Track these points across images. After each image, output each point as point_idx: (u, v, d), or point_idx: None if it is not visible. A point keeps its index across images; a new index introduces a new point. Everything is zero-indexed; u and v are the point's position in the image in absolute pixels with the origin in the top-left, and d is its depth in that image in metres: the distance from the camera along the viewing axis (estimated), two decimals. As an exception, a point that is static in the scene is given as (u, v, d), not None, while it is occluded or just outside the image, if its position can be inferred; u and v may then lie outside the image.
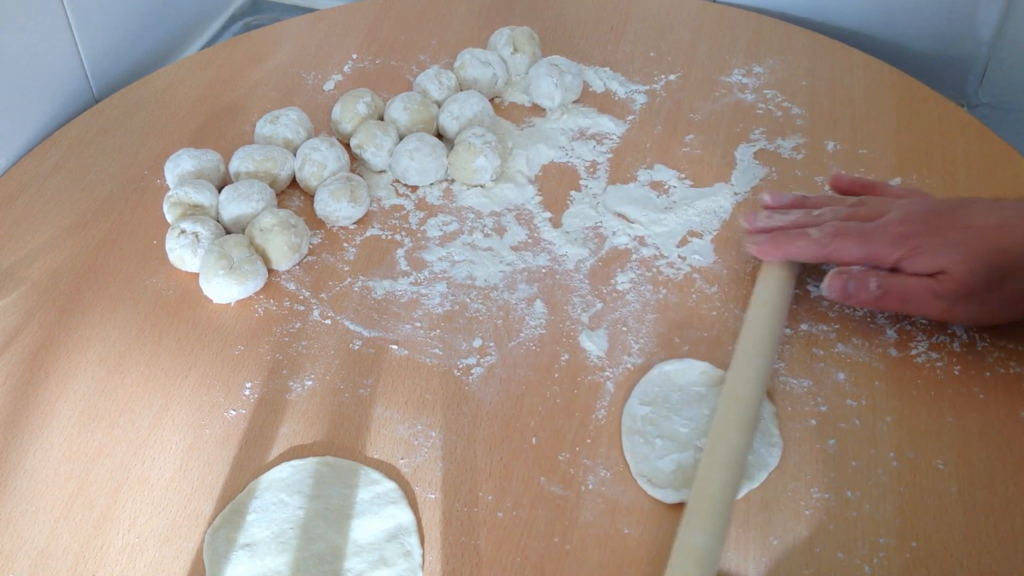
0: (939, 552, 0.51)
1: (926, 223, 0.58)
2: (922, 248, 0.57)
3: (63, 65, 0.79)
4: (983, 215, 0.58)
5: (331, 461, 0.56)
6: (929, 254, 0.57)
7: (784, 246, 0.62)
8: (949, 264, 0.57)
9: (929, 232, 0.58)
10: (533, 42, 0.82)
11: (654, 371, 0.60)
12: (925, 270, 0.58)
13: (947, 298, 0.57)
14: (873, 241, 0.59)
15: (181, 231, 0.66)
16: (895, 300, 0.59)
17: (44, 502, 0.55)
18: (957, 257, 0.56)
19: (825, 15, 0.87)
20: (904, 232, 0.58)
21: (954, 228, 0.57)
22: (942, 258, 0.57)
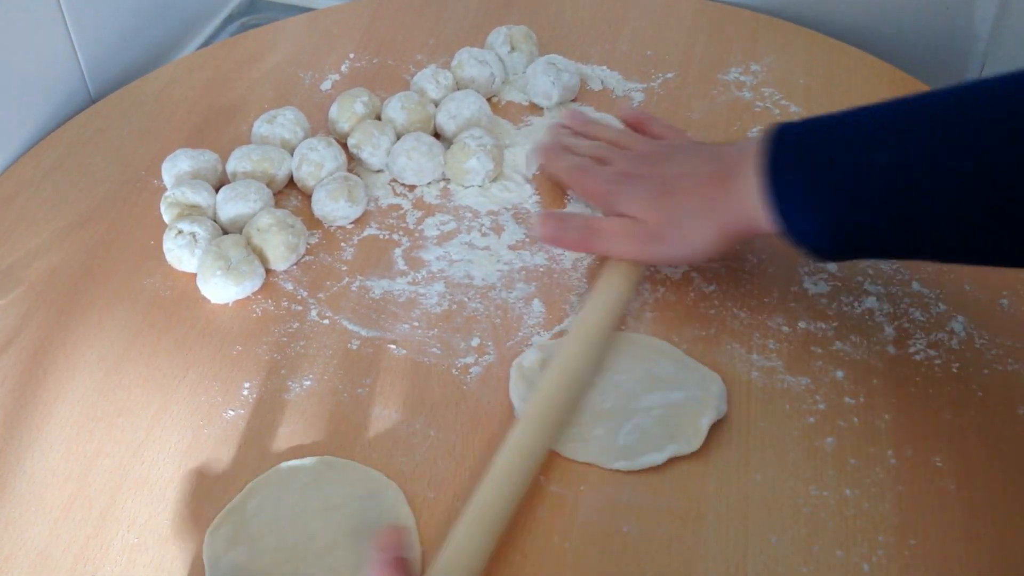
0: (938, 550, 0.51)
1: (636, 171, 0.64)
2: (621, 193, 0.63)
3: (60, 65, 0.79)
4: (675, 162, 0.63)
5: (330, 460, 0.56)
6: (624, 199, 0.63)
7: (549, 160, 0.71)
8: (635, 208, 0.62)
9: (633, 180, 0.63)
10: (530, 41, 0.82)
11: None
12: (623, 213, 0.63)
13: (637, 237, 0.61)
14: (588, 179, 0.66)
15: (178, 231, 0.66)
16: (596, 241, 0.63)
17: (43, 503, 0.55)
18: (647, 202, 0.61)
19: (822, 13, 0.87)
20: (614, 180, 0.64)
21: (653, 176, 0.63)
22: (633, 202, 0.62)
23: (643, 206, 0.62)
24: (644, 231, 0.61)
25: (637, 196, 0.62)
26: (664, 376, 0.59)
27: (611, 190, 0.64)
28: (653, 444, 0.56)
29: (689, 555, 0.52)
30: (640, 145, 0.68)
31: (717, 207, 0.59)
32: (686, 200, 0.60)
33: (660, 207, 0.61)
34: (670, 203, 0.61)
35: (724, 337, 0.62)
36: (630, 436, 0.56)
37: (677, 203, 0.60)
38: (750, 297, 0.64)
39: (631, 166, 0.65)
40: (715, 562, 0.51)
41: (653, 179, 0.63)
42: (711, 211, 0.59)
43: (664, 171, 0.63)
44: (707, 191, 0.59)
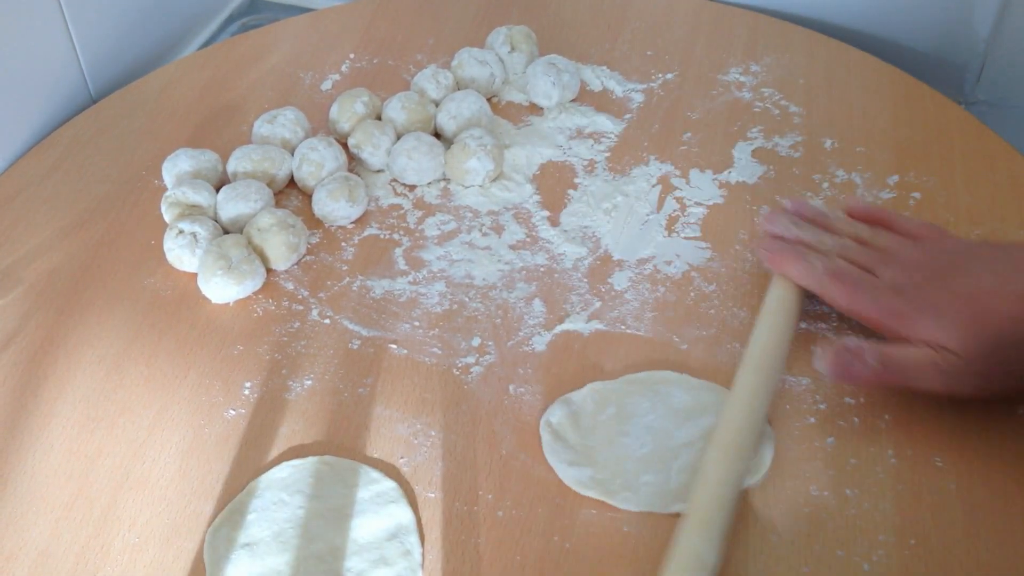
0: (938, 549, 0.51)
1: (922, 287, 0.55)
2: (914, 321, 0.55)
3: (60, 65, 0.79)
4: (979, 276, 0.54)
5: (331, 460, 0.56)
6: (923, 326, 0.54)
7: (785, 262, 0.61)
8: (947, 338, 0.53)
9: (923, 299, 0.55)
10: (530, 41, 0.83)
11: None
12: (914, 338, 0.54)
13: (949, 372, 0.53)
14: (861, 295, 0.57)
15: (179, 231, 0.66)
16: (896, 375, 0.55)
17: (44, 503, 0.55)
18: (954, 330, 0.53)
19: (822, 13, 0.87)
20: (896, 298, 0.56)
21: (952, 295, 0.54)
22: (939, 332, 0.53)
23: (950, 334, 0.52)
24: (953, 363, 0.52)
25: (940, 321, 0.53)
26: (683, 406, 0.58)
27: (900, 311, 0.55)
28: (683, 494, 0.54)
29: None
30: (904, 249, 0.58)
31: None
32: (1009, 325, 0.51)
33: (976, 335, 0.52)
34: (987, 331, 0.52)
35: (724, 337, 0.62)
36: (681, 476, 0.55)
37: (996, 330, 0.52)
38: (750, 297, 0.64)
39: (910, 277, 0.55)
40: (716, 562, 0.51)
41: (953, 298, 0.54)
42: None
43: (963, 287, 0.54)
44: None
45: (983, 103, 0.85)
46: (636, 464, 0.55)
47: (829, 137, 0.75)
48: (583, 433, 0.57)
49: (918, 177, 0.71)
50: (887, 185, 0.71)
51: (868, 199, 0.70)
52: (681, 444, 0.56)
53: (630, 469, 0.55)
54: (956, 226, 0.68)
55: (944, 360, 0.53)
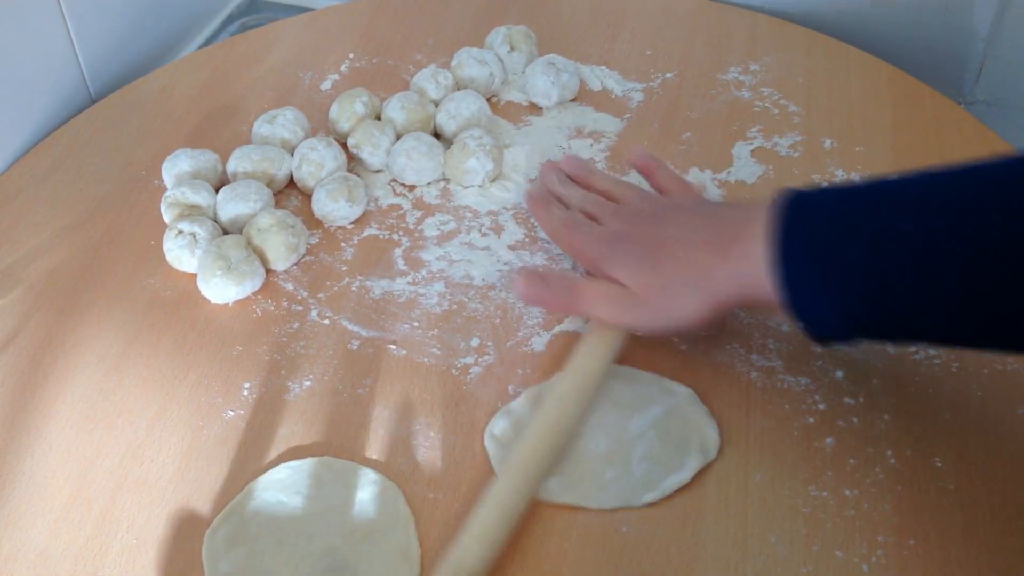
0: (937, 550, 0.51)
1: (629, 234, 0.60)
2: (610, 257, 0.60)
3: (60, 65, 0.79)
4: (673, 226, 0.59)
5: (329, 461, 0.56)
6: (613, 264, 0.59)
7: (536, 212, 0.67)
8: (622, 273, 0.58)
9: (624, 244, 0.60)
10: (530, 41, 0.82)
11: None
12: (609, 277, 0.59)
13: (621, 304, 0.58)
14: (577, 239, 0.63)
15: (179, 231, 0.66)
16: (578, 302, 0.60)
17: (43, 503, 0.55)
18: (635, 269, 0.58)
19: (822, 13, 0.87)
20: (605, 242, 0.61)
21: (647, 241, 0.59)
22: (621, 268, 0.59)
23: (631, 272, 0.58)
24: (629, 297, 0.58)
25: (625, 261, 0.59)
26: (628, 399, 0.58)
27: (600, 252, 0.60)
28: (671, 464, 0.55)
29: (688, 555, 0.52)
30: (635, 200, 0.64)
31: (712, 276, 0.55)
32: (677, 268, 0.56)
33: (648, 274, 0.57)
34: (659, 270, 0.57)
35: (724, 337, 0.62)
36: (642, 465, 0.55)
37: (666, 271, 0.57)
38: (750, 297, 0.64)
39: (623, 225, 0.61)
40: (715, 562, 0.51)
41: (644, 242, 0.59)
42: (704, 281, 0.55)
43: (658, 233, 0.59)
44: (702, 258, 0.56)
45: (983, 103, 0.85)
46: (596, 463, 0.55)
47: (828, 137, 0.75)
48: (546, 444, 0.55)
49: (918, 177, 0.71)
50: (887, 185, 0.71)
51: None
52: (635, 436, 0.56)
53: (594, 469, 0.55)
54: (956, 226, 0.68)
55: (619, 292, 0.58)
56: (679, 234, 0.58)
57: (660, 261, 0.57)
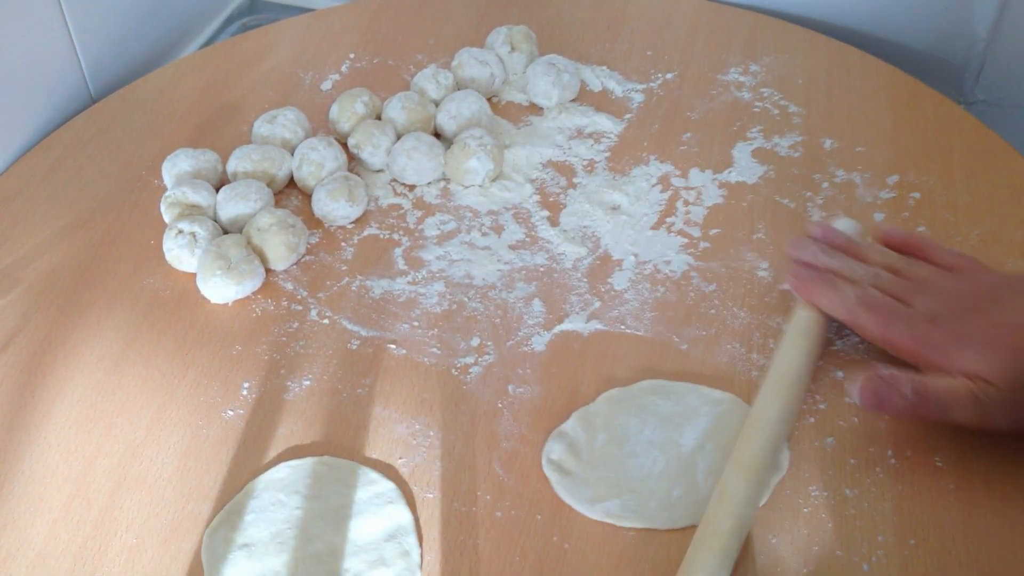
0: (937, 550, 0.51)
1: (957, 317, 0.54)
2: (949, 350, 0.53)
3: (60, 65, 0.79)
4: (1017, 307, 0.54)
5: (329, 461, 0.56)
6: (958, 356, 0.53)
7: (815, 292, 0.59)
8: (983, 368, 0.52)
9: (958, 329, 0.54)
10: (530, 41, 0.83)
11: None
12: (951, 369, 0.53)
13: (984, 403, 0.51)
14: (896, 324, 0.56)
15: (178, 231, 0.66)
16: (932, 406, 0.53)
17: (42, 503, 0.55)
18: (991, 359, 0.52)
19: (822, 13, 0.87)
20: (931, 328, 0.54)
21: (988, 325, 0.53)
22: (974, 361, 0.52)
23: (991, 365, 0.51)
24: (994, 396, 0.51)
25: (975, 351, 0.52)
26: (671, 412, 0.57)
27: (937, 341, 0.53)
28: None
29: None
30: (940, 279, 0.57)
31: None
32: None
33: (1012, 366, 0.50)
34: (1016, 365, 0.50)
35: (724, 337, 0.62)
36: (709, 481, 0.54)
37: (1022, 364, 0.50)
38: (750, 296, 0.64)
39: (946, 307, 0.54)
40: (715, 562, 0.51)
41: (991, 328, 0.52)
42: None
43: (1001, 317, 0.53)
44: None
45: (982, 103, 0.85)
46: (660, 481, 0.55)
47: (829, 137, 0.75)
48: (590, 464, 0.55)
49: (918, 177, 0.71)
50: (887, 185, 0.71)
51: (868, 199, 0.70)
52: (692, 450, 0.56)
53: (657, 487, 0.54)
54: (956, 226, 0.68)
55: (982, 391, 0.51)
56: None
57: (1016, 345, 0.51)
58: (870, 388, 0.53)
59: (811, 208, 0.70)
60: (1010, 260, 0.65)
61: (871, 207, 0.69)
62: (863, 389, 0.54)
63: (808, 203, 0.70)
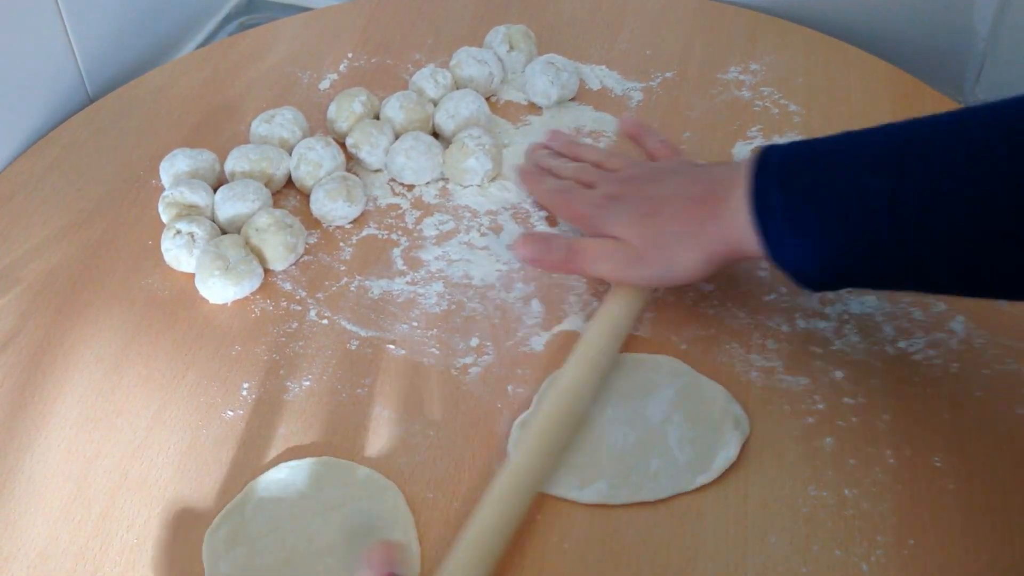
0: (937, 550, 0.51)
1: (622, 193, 0.62)
2: (606, 215, 0.61)
3: (58, 65, 0.79)
4: (665, 184, 0.61)
5: (328, 461, 0.56)
6: (609, 220, 0.61)
7: (528, 185, 0.70)
8: (620, 229, 0.60)
9: (618, 203, 0.61)
10: (529, 40, 0.82)
11: None
12: (604, 234, 0.61)
13: (619, 259, 0.60)
14: (571, 203, 0.65)
15: (177, 231, 0.66)
16: (578, 261, 0.62)
17: (42, 503, 0.55)
18: (630, 223, 0.60)
19: (821, 12, 0.87)
20: (599, 203, 0.62)
21: (640, 198, 0.61)
22: (618, 224, 0.60)
23: (628, 227, 0.60)
24: (628, 252, 0.59)
25: (622, 217, 0.60)
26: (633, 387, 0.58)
27: (596, 212, 0.62)
28: (713, 443, 0.55)
29: (689, 555, 0.52)
30: (627, 167, 0.66)
31: (704, 230, 0.57)
32: (672, 222, 0.58)
33: (645, 228, 0.59)
34: (655, 224, 0.59)
35: (723, 337, 0.62)
36: (685, 449, 0.55)
37: (662, 225, 0.59)
38: (749, 297, 0.64)
39: (617, 188, 0.63)
40: (714, 562, 0.51)
41: (639, 200, 0.61)
42: (697, 234, 0.57)
43: (651, 192, 0.61)
44: (694, 213, 0.58)
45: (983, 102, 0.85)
46: (636, 456, 0.55)
47: (828, 136, 0.75)
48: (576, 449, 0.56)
49: (917, 176, 0.71)
50: (886, 184, 0.71)
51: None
52: (661, 422, 0.57)
53: (636, 463, 0.55)
54: (955, 225, 0.68)
55: (618, 247, 0.60)
56: (672, 191, 0.60)
57: (656, 215, 0.59)
58: (529, 244, 0.63)
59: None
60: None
61: (870, 206, 0.69)
62: (522, 245, 0.63)
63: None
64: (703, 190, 0.58)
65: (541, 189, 0.69)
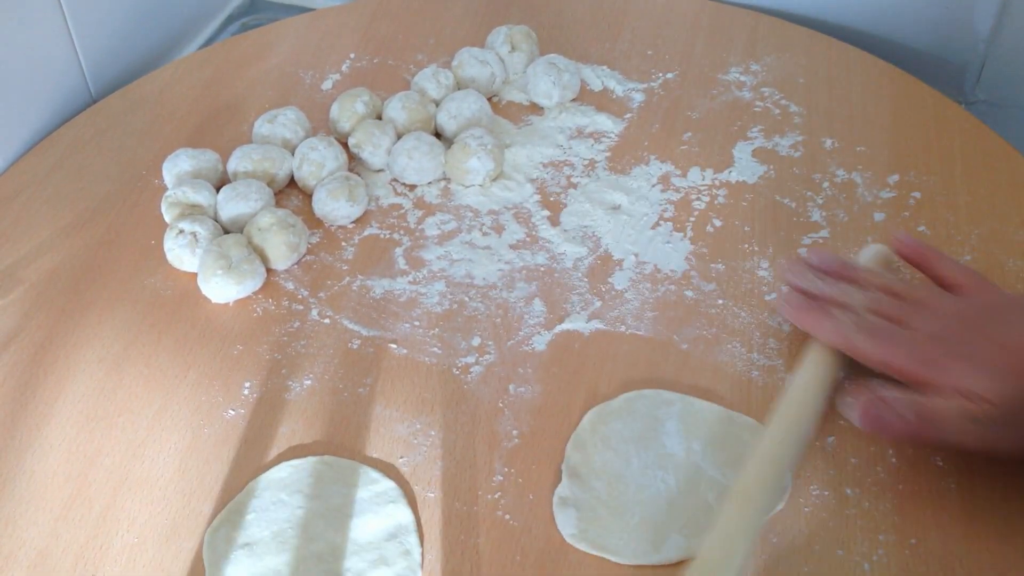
0: (938, 549, 0.51)
1: (958, 337, 0.53)
2: (949, 370, 0.52)
3: (61, 65, 0.79)
4: (1018, 327, 0.53)
5: (330, 460, 0.56)
6: (958, 375, 0.52)
7: (809, 320, 0.58)
8: (982, 387, 0.51)
9: (959, 349, 0.53)
10: (531, 40, 0.82)
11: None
12: (948, 388, 0.52)
13: (983, 423, 0.50)
14: (895, 349, 0.54)
15: (179, 231, 0.66)
16: (930, 427, 0.51)
17: (43, 502, 0.55)
18: (991, 379, 0.51)
19: (822, 13, 0.87)
20: (931, 348, 0.53)
21: (989, 345, 0.52)
22: (974, 380, 0.51)
23: (986, 382, 0.50)
24: (990, 415, 0.50)
25: (976, 370, 0.51)
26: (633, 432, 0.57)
27: (934, 360, 0.52)
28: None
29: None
30: (940, 300, 0.56)
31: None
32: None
33: (1011, 385, 0.50)
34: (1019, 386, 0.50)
35: (725, 336, 0.62)
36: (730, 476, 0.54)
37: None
38: (751, 296, 0.64)
39: (946, 328, 0.53)
40: (715, 561, 0.51)
41: (988, 347, 0.52)
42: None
43: (1000, 336, 0.52)
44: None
45: (983, 103, 0.85)
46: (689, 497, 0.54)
47: (829, 137, 0.75)
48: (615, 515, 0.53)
49: (918, 177, 0.71)
50: (887, 185, 0.71)
51: (868, 199, 0.70)
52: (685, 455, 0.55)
53: (695, 505, 0.53)
54: (956, 225, 0.68)
55: (980, 410, 0.50)
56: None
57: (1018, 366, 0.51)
58: (871, 411, 0.52)
59: (811, 208, 0.70)
60: (1010, 260, 0.65)
61: (871, 207, 0.69)
62: (864, 412, 0.53)
63: (808, 203, 0.70)
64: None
65: (831, 326, 0.56)
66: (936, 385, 0.52)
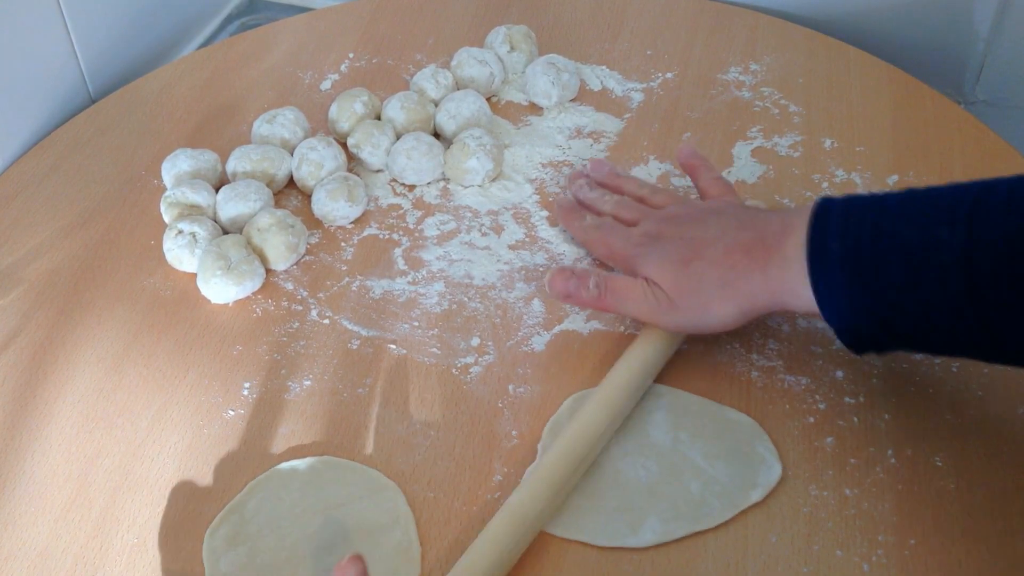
0: (938, 549, 0.51)
1: (664, 234, 0.60)
2: (644, 256, 0.59)
3: (59, 65, 0.79)
4: (706, 226, 0.58)
5: (329, 460, 0.56)
6: (646, 262, 0.59)
7: (566, 220, 0.67)
8: (655, 271, 0.58)
9: (658, 244, 0.59)
10: (530, 40, 0.82)
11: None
12: (640, 275, 0.59)
13: (652, 303, 0.58)
14: (612, 242, 0.62)
15: (178, 231, 0.66)
16: (611, 301, 0.59)
17: (43, 503, 0.55)
18: (670, 269, 0.57)
19: (822, 12, 0.87)
20: (639, 243, 0.60)
21: (680, 241, 0.58)
22: (657, 268, 0.58)
23: (664, 271, 0.57)
24: (661, 297, 0.57)
25: (659, 260, 0.58)
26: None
27: (633, 252, 0.60)
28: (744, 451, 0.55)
29: (689, 555, 0.52)
30: (671, 205, 0.63)
31: (745, 281, 0.55)
32: (711, 270, 0.56)
33: (682, 274, 0.57)
34: (693, 271, 0.56)
35: (724, 336, 0.62)
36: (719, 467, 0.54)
37: (700, 272, 0.56)
38: (750, 297, 0.64)
39: (658, 227, 0.60)
40: (715, 562, 0.51)
41: (679, 243, 0.58)
42: (736, 284, 0.55)
43: (693, 234, 0.58)
44: (737, 262, 0.55)
45: (983, 103, 0.85)
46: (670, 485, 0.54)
47: (829, 137, 0.75)
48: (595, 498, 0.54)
49: (918, 177, 0.71)
50: (887, 185, 0.71)
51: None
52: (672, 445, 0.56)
53: (675, 492, 0.54)
54: (956, 226, 0.68)
55: (651, 290, 0.58)
56: (715, 235, 0.57)
57: (695, 262, 0.57)
58: (561, 280, 0.60)
59: (811, 208, 0.70)
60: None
61: (871, 207, 0.69)
62: (553, 281, 0.61)
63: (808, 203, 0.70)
64: (751, 237, 0.56)
65: (578, 226, 0.66)
66: (637, 273, 0.59)
